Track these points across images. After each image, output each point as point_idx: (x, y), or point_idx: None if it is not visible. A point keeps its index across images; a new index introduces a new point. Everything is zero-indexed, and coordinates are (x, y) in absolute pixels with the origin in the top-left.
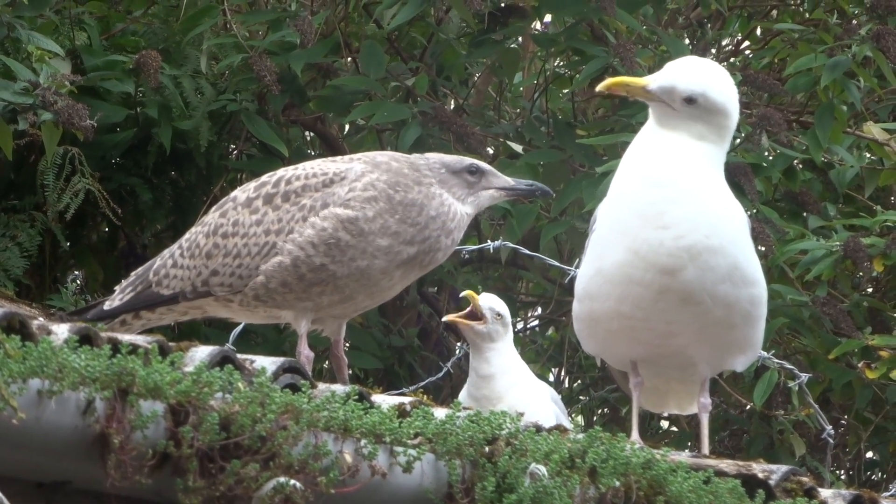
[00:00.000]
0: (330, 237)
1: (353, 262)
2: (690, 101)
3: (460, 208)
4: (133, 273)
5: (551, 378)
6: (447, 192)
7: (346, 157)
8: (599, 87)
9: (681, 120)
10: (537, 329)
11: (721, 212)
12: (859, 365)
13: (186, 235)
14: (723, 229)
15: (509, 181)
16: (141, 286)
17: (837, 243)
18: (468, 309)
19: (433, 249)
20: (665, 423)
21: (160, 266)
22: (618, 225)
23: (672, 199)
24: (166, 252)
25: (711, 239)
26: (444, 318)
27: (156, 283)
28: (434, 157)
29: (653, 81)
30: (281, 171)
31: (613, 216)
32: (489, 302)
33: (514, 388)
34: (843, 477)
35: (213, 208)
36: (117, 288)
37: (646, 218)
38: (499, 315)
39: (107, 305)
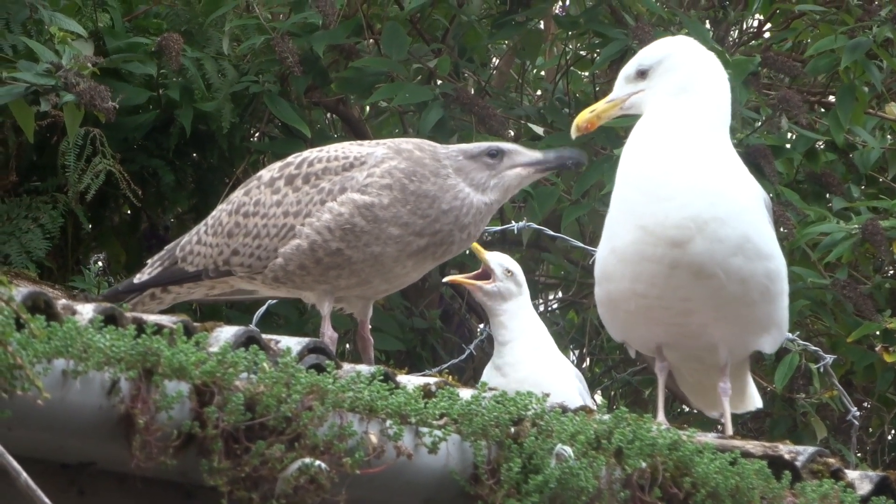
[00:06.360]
0: (346, 222)
1: (368, 247)
2: (642, 73)
3: (477, 199)
4: (165, 248)
5: (571, 359)
6: (464, 182)
7: (373, 142)
8: (574, 134)
9: (657, 98)
10: (557, 312)
11: (726, 181)
12: (877, 348)
13: (213, 213)
14: (728, 198)
15: (537, 155)
16: (168, 261)
17: (856, 226)
18: (479, 270)
19: (445, 242)
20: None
21: (186, 242)
22: (625, 204)
23: (670, 170)
24: (195, 228)
25: (717, 207)
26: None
27: (181, 259)
28: (456, 146)
29: (613, 93)
30: (306, 153)
31: (620, 196)
32: (498, 259)
33: (536, 352)
34: (865, 460)
35: (241, 186)
36: (148, 261)
37: (648, 191)
38: (509, 272)
39: (136, 279)
